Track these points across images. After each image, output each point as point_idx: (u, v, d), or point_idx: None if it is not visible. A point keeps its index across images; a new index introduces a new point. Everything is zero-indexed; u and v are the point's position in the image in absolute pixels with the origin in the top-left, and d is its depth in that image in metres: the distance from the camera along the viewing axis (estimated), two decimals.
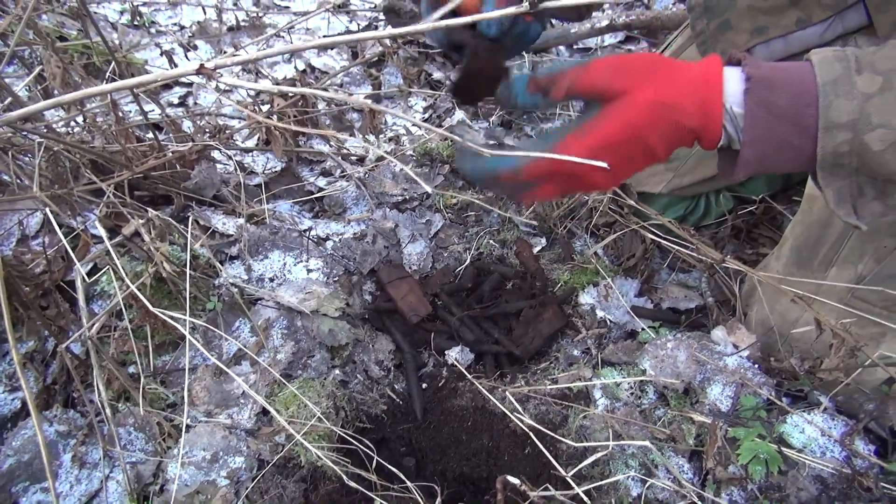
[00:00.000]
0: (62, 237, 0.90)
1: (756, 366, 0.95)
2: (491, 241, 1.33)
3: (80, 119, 1.30)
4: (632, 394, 0.98)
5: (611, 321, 1.17)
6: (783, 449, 0.82)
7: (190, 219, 1.17)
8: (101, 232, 0.97)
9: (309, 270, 1.21)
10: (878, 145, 0.66)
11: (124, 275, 0.89)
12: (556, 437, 0.95)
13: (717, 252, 1.04)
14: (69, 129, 1.34)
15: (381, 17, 2.16)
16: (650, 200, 1.33)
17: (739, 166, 0.72)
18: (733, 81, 0.71)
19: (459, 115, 1.66)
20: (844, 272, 0.97)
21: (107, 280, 1.07)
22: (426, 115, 1.78)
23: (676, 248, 1.23)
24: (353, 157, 1.57)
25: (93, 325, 0.83)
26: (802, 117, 0.68)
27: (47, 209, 0.87)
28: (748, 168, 0.72)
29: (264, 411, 1.01)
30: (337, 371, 1.09)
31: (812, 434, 0.85)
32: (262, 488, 0.92)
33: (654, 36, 2.05)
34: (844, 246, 0.98)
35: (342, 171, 1.50)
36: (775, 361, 0.96)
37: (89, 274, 1.12)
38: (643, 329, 1.12)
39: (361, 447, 0.87)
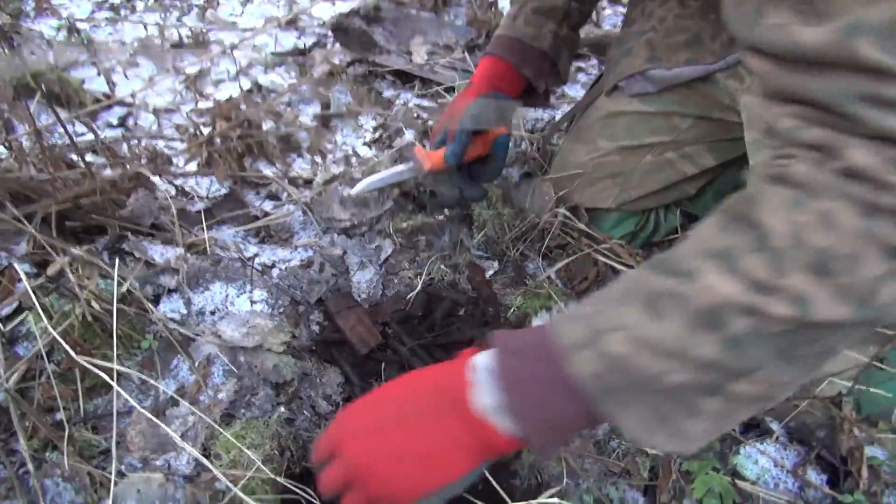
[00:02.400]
0: None
1: None
2: (442, 266, 1.30)
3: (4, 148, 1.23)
4: None
5: None
6: (737, 482, 0.81)
7: (121, 253, 1.12)
8: (23, 272, 0.91)
9: (253, 302, 1.17)
10: (618, 348, 0.59)
11: (46, 318, 0.83)
12: (509, 471, 0.93)
13: None
14: None
15: (330, 33, 2.12)
16: (601, 217, 1.33)
17: (524, 433, 0.63)
18: (482, 360, 0.67)
19: (409, 135, 1.63)
20: None
21: (33, 320, 1.01)
22: (376, 135, 1.75)
23: (628, 271, 1.22)
24: (300, 180, 1.53)
25: (11, 374, 0.77)
26: (542, 348, 0.63)
27: None
28: (536, 426, 0.63)
29: (205, 454, 0.96)
30: (282, 408, 1.04)
31: (765, 465, 0.85)
32: None
33: (602, 53, 2.06)
34: None
35: (289, 195, 1.46)
36: None
37: (15, 314, 1.05)
38: None
39: (306, 496, 0.83)
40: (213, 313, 1.14)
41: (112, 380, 0.73)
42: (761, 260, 0.54)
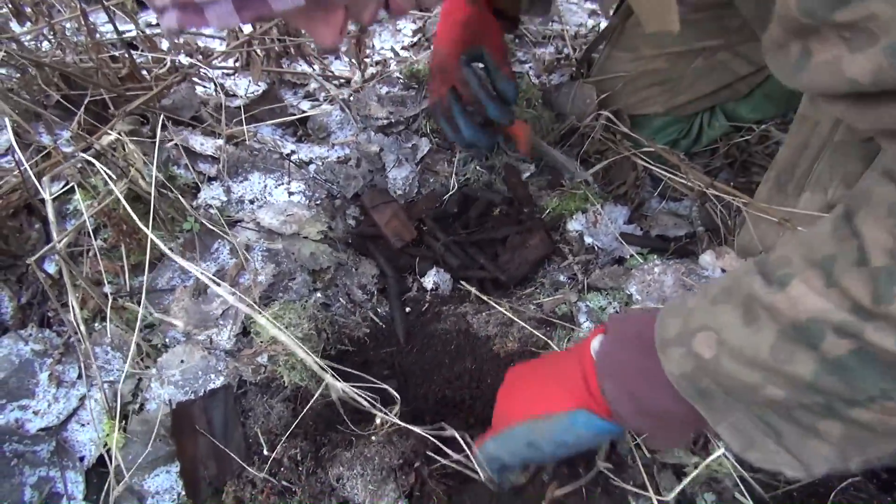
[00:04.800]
0: (20, 154, 0.86)
1: None
2: (478, 167, 1.29)
3: (50, 36, 1.24)
4: None
5: (598, 248, 1.15)
6: None
7: (157, 134, 1.13)
8: (70, 151, 0.93)
9: (290, 193, 1.18)
10: (707, 352, 0.57)
11: (92, 196, 0.85)
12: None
13: (707, 178, 1.02)
14: (37, 44, 1.28)
15: None
16: (643, 123, 1.30)
17: (620, 414, 0.67)
18: (595, 343, 0.72)
19: None
20: (816, 197, 0.95)
21: (80, 198, 1.04)
22: (415, 39, 1.71)
23: (668, 175, 1.20)
24: (338, 80, 1.51)
25: (62, 239, 0.80)
26: (649, 341, 0.64)
27: (8, 120, 0.82)
28: (626, 410, 0.66)
29: (244, 332, 1.00)
30: (318, 294, 1.07)
31: None
32: (245, 407, 0.91)
33: None
34: (815, 171, 0.96)
35: (326, 94, 1.45)
36: None
37: (63, 194, 1.09)
38: (631, 255, 1.10)
39: (343, 368, 0.86)
40: (251, 202, 1.15)
41: (163, 253, 0.75)
42: (861, 279, 0.47)
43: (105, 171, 0.83)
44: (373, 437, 0.86)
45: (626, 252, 1.13)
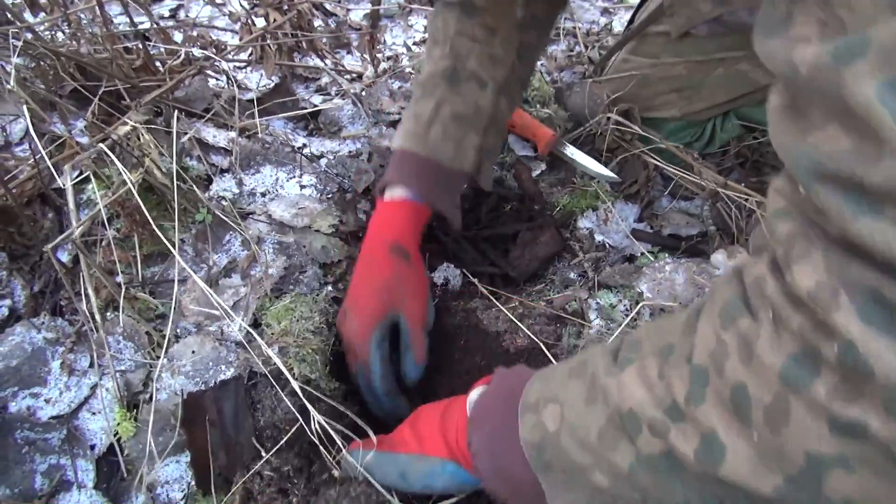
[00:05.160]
0: (38, 142, 0.86)
1: None
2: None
3: (65, 27, 1.24)
4: (627, 315, 0.97)
5: (609, 245, 1.15)
6: None
7: (174, 125, 1.13)
8: (84, 141, 0.93)
9: (302, 186, 1.18)
10: (551, 424, 0.55)
11: (106, 186, 0.85)
12: (549, 355, 0.94)
13: (721, 178, 1.01)
14: (52, 33, 1.28)
15: None
16: (657, 125, 1.30)
17: (479, 469, 0.66)
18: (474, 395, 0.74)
19: None
20: None
21: (93, 188, 1.04)
22: (427, 35, 1.71)
23: (680, 174, 1.20)
24: (349, 75, 1.51)
25: (79, 226, 0.80)
26: (515, 400, 0.63)
27: (25, 107, 0.82)
28: (485, 467, 0.66)
29: (255, 324, 1.00)
30: (329, 288, 1.07)
31: None
32: (255, 399, 0.92)
33: None
34: None
35: (338, 89, 1.45)
36: None
37: (78, 183, 1.09)
38: (642, 253, 1.10)
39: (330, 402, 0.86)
40: (263, 195, 1.16)
41: (173, 247, 0.75)
42: (683, 375, 0.44)
43: (119, 162, 0.83)
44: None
45: (636, 250, 1.13)
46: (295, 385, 0.70)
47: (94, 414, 0.96)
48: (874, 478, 0.34)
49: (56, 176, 1.06)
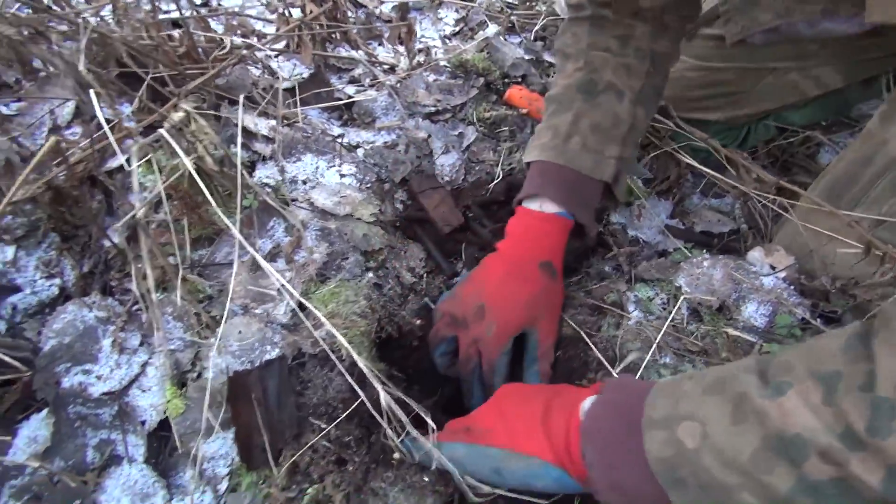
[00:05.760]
0: (103, 121, 0.88)
1: (791, 287, 0.96)
2: (522, 157, 1.31)
3: (109, 13, 1.27)
4: (665, 308, 0.99)
5: (643, 240, 1.17)
6: None
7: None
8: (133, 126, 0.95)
9: (342, 175, 1.21)
10: (690, 442, 0.56)
11: (169, 157, 0.88)
12: (590, 344, 0.97)
13: (773, 177, 1.04)
14: (98, 19, 1.30)
15: None
16: (696, 126, 1.31)
17: (593, 481, 0.66)
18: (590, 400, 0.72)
19: (493, 28, 1.61)
20: (868, 213, 0.94)
21: (157, 170, 1.06)
22: (457, 29, 1.73)
23: (711, 173, 1.22)
24: (383, 66, 1.53)
25: (142, 207, 0.82)
26: (637, 415, 0.63)
27: (92, 92, 0.85)
28: (601, 479, 0.65)
29: (300, 307, 1.02)
30: (371, 274, 1.10)
31: None
32: (304, 378, 0.94)
33: None
34: (877, 187, 0.96)
35: (372, 80, 1.47)
36: (806, 280, 0.96)
37: (122, 168, 1.11)
38: (676, 249, 1.13)
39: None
40: (304, 182, 1.18)
41: (231, 227, 0.77)
42: (861, 405, 0.45)
43: (178, 146, 0.86)
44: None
45: (669, 245, 1.16)
46: (360, 362, 0.71)
47: (143, 391, 0.98)
48: None
49: (104, 160, 1.08)
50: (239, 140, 0.90)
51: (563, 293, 1.05)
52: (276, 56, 1.55)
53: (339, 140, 1.26)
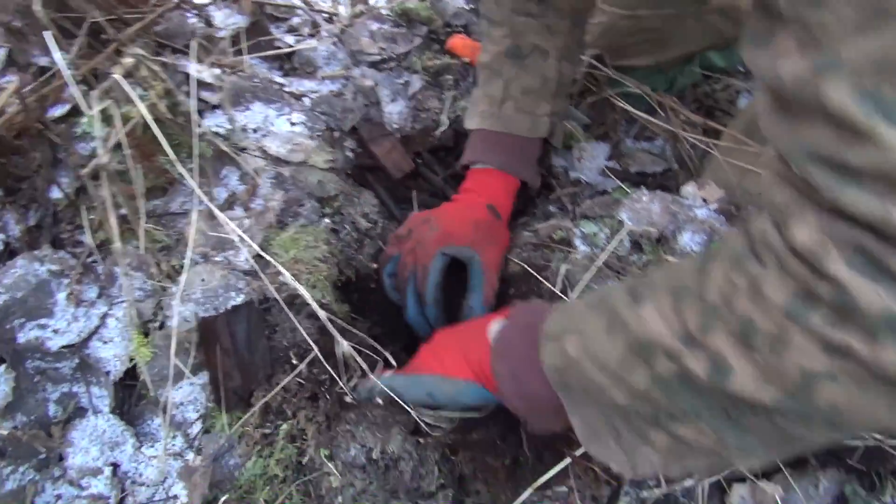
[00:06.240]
0: (66, 71, 0.86)
1: (722, 216, 1.05)
2: (467, 105, 1.35)
3: None
4: (608, 241, 1.06)
5: (584, 181, 1.24)
6: None
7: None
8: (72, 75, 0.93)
9: (292, 124, 1.21)
10: (573, 351, 0.65)
11: (105, 122, 0.86)
12: (540, 278, 1.03)
13: (700, 117, 1.12)
14: None
15: None
16: (626, 72, 1.38)
17: (502, 391, 0.78)
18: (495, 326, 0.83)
19: None
20: None
21: (88, 122, 1.03)
22: None
23: (645, 116, 1.30)
24: (322, 15, 1.52)
25: (106, 153, 0.81)
26: (535, 332, 0.72)
27: (49, 35, 0.82)
28: (508, 389, 0.77)
29: (259, 257, 1.04)
30: (327, 220, 1.12)
31: None
32: (271, 322, 0.96)
33: None
34: None
35: (312, 28, 1.46)
36: (735, 210, 1.06)
37: (67, 116, 1.08)
38: (615, 188, 1.20)
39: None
40: (255, 131, 1.18)
41: (186, 177, 0.78)
42: (696, 310, 0.53)
43: (133, 93, 0.84)
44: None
45: (609, 185, 1.23)
46: (320, 313, 0.75)
47: (105, 343, 0.98)
48: (856, 388, 0.44)
49: (46, 109, 1.05)
50: (194, 84, 0.89)
51: (510, 237, 1.14)
52: (210, 3, 1.50)
53: (285, 89, 1.26)
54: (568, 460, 0.82)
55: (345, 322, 0.95)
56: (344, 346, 0.86)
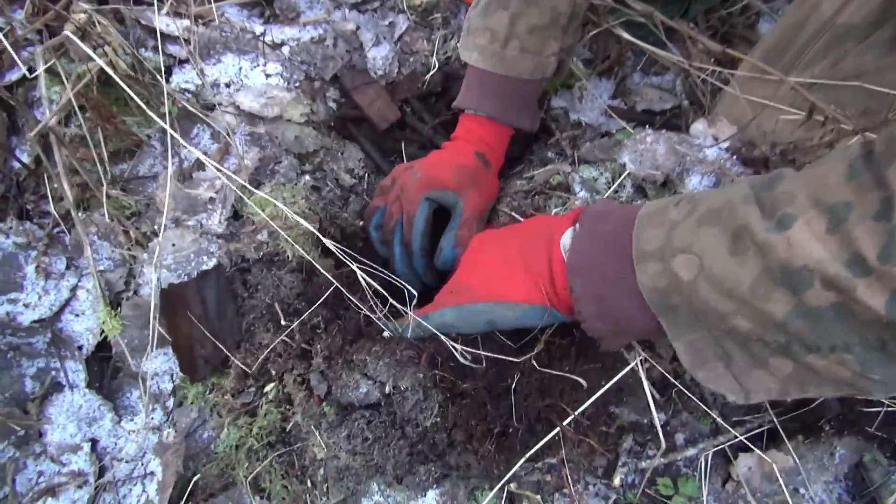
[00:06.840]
0: None
1: (734, 156, 0.95)
2: (458, 45, 1.25)
3: None
4: (608, 186, 0.98)
5: (585, 123, 1.14)
6: None
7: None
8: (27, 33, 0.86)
9: (267, 75, 1.13)
10: (686, 274, 0.56)
11: (61, 82, 0.80)
12: None
13: (719, 45, 1.01)
14: None
15: None
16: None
17: (582, 313, 0.68)
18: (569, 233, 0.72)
19: None
20: (801, 77, 0.92)
21: (47, 84, 0.97)
22: None
23: (653, 49, 1.18)
24: None
25: (53, 116, 0.75)
26: (625, 246, 0.62)
27: None
28: (590, 311, 0.67)
29: (235, 216, 0.98)
30: (307, 177, 1.05)
31: None
32: (252, 282, 0.91)
33: None
34: (809, 50, 0.94)
35: None
36: (746, 150, 0.96)
37: (23, 80, 1.02)
38: (619, 129, 1.10)
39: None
40: (227, 85, 1.10)
41: (143, 139, 0.71)
42: (876, 232, 0.44)
43: (88, 49, 0.77)
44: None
45: (612, 126, 1.13)
46: (327, 242, 0.69)
47: (77, 316, 0.94)
48: None
49: (1, 74, 0.98)
50: (159, 34, 0.81)
51: (500, 186, 1.05)
52: None
53: (262, 38, 1.17)
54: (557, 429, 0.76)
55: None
56: (366, 280, 0.77)
